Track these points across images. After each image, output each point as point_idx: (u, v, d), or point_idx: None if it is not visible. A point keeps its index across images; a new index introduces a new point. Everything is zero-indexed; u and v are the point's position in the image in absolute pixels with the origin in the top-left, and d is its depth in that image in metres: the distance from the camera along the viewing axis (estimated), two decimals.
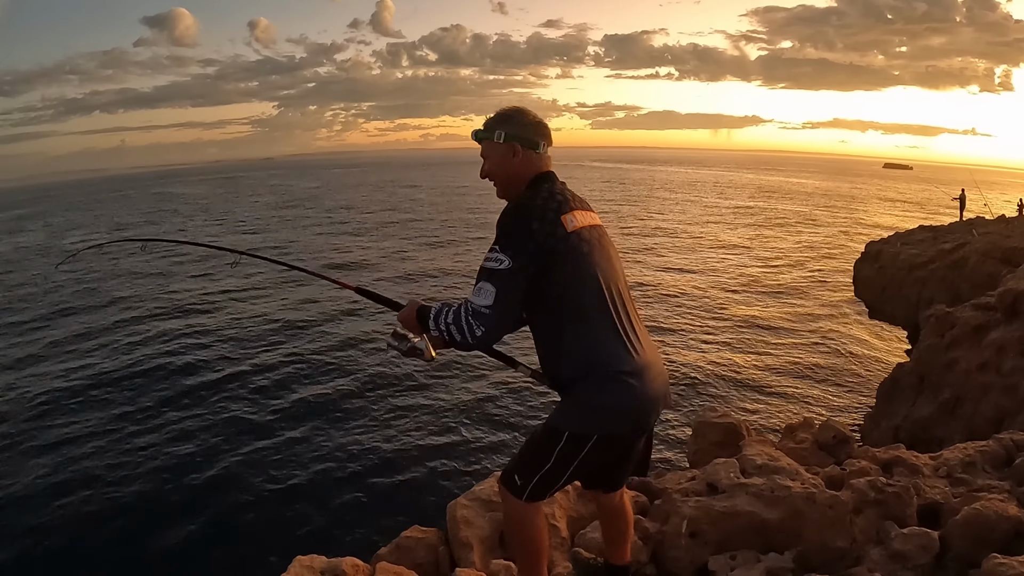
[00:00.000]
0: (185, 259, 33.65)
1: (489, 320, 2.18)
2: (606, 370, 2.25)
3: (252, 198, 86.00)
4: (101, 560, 9.05)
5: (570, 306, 2.25)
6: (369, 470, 11.16)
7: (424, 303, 2.46)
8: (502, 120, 2.45)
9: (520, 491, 2.43)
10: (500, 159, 2.44)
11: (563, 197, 2.33)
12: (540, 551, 2.56)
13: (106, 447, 12.22)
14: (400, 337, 2.49)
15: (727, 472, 3.69)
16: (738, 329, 20.14)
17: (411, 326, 2.46)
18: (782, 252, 35.34)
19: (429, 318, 2.35)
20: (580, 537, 3.53)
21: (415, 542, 3.60)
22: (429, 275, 27.43)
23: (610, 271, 2.34)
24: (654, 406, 2.37)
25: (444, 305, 2.34)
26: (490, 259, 2.21)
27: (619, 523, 2.84)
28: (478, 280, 2.22)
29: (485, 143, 2.47)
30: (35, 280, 30.71)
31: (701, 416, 4.94)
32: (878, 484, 3.50)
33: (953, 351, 8.71)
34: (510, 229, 2.22)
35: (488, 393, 14.50)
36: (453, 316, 2.26)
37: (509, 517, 2.61)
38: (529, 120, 2.44)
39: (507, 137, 2.41)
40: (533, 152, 2.41)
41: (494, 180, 2.48)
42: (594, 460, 2.39)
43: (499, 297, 2.17)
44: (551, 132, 2.49)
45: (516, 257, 2.16)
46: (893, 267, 16.42)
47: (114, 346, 18.77)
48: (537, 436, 2.45)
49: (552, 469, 2.36)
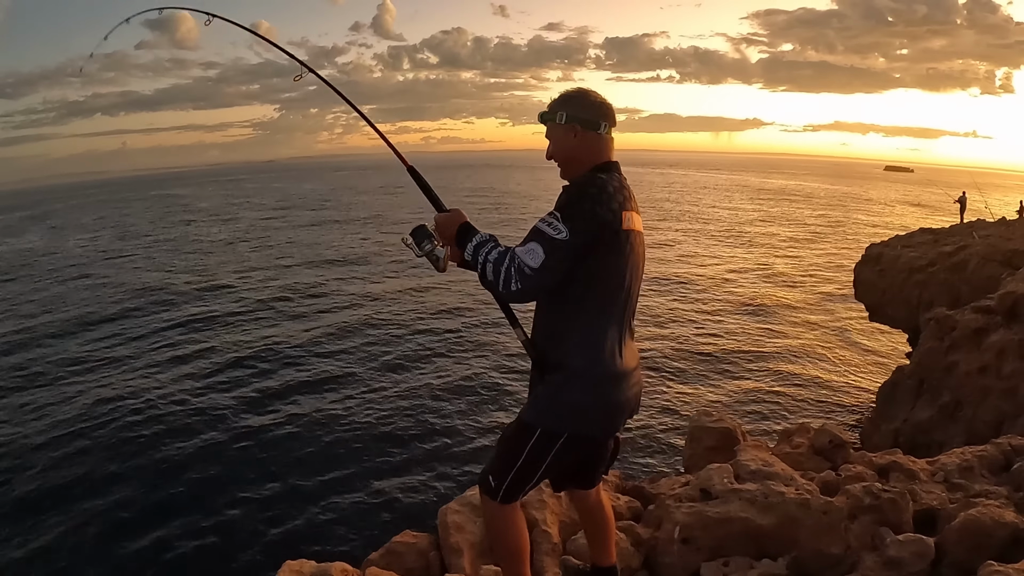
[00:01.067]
0: (178, 258, 33.80)
1: (528, 281, 2.15)
2: (595, 371, 2.26)
3: (254, 199, 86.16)
4: (84, 563, 9.01)
5: (593, 299, 2.26)
6: (360, 474, 11.12)
7: (470, 222, 2.42)
8: (564, 101, 2.41)
9: (495, 492, 2.42)
10: (560, 140, 2.41)
11: (627, 193, 2.32)
12: (521, 552, 2.55)
13: (91, 449, 12.21)
14: (423, 236, 2.44)
15: (721, 477, 3.67)
16: (736, 332, 20.11)
17: (444, 233, 2.43)
18: (782, 255, 35.33)
19: (470, 241, 2.32)
20: (572, 543, 3.51)
21: (406, 547, 3.61)
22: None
23: (634, 278, 2.34)
24: (627, 411, 2.40)
25: (492, 238, 2.32)
26: (549, 224, 2.17)
27: (599, 521, 2.83)
28: (529, 239, 2.19)
29: (548, 125, 2.45)
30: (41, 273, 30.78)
31: (696, 421, 4.92)
32: (874, 490, 3.48)
33: (953, 354, 8.69)
34: (577, 204, 2.20)
35: (481, 398, 14.48)
36: (498, 256, 2.22)
37: (488, 520, 2.62)
38: (590, 101, 2.40)
39: (567, 118, 2.38)
40: (593, 133, 2.37)
41: (556, 161, 2.45)
42: (565, 458, 2.39)
43: (546, 264, 2.13)
44: (614, 114, 2.43)
45: (574, 233, 2.13)
46: (893, 270, 16.37)
47: (94, 347, 18.82)
48: (509, 433, 2.44)
49: (524, 467, 2.35)
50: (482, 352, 17.58)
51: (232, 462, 11.56)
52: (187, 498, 10.47)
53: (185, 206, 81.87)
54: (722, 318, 21.83)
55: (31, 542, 9.46)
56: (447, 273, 2.56)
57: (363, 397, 14.54)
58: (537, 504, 3.61)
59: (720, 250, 36.59)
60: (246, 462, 11.55)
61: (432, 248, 2.43)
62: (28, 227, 66.53)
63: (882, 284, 16.77)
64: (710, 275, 29.03)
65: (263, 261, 34.37)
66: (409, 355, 17.61)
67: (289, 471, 11.23)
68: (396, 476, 11.09)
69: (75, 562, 9.04)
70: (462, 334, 19.23)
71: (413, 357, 17.39)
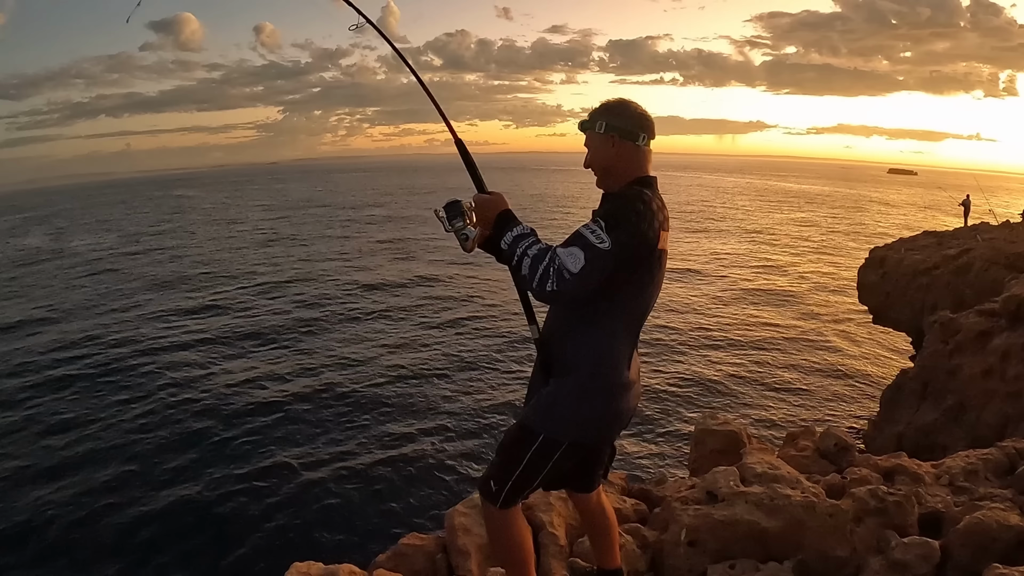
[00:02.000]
0: (185, 257, 33.86)
1: (565, 285, 2.11)
2: (605, 382, 2.28)
3: (257, 201, 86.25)
4: (94, 563, 9.05)
5: (615, 311, 2.27)
6: (368, 477, 11.15)
7: (511, 209, 2.41)
8: (604, 111, 2.41)
9: (495, 497, 2.42)
10: (598, 149, 2.41)
11: (665, 214, 2.31)
12: (524, 556, 2.55)
13: (99, 451, 12.29)
14: (456, 213, 2.40)
15: (727, 480, 3.67)
16: (740, 335, 20.11)
17: (482, 214, 2.41)
18: (785, 258, 35.30)
19: (510, 230, 2.29)
20: (579, 545, 3.52)
21: (413, 549, 3.60)
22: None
23: (655, 295, 2.37)
24: (626, 421, 2.43)
25: (533, 232, 2.29)
26: (594, 232, 2.14)
27: (600, 524, 2.84)
28: (572, 242, 2.15)
29: (588, 133, 2.43)
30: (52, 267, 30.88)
31: (702, 424, 4.92)
32: (879, 493, 3.48)
33: (957, 357, 8.66)
34: (625, 216, 2.17)
35: (489, 401, 14.50)
36: (538, 252, 2.18)
37: (488, 524, 2.61)
38: (630, 112, 2.39)
39: (607, 128, 2.37)
40: (631, 144, 2.36)
41: (593, 170, 2.44)
42: (563, 464, 2.40)
43: (585, 271, 2.10)
44: (654, 126, 2.42)
45: (617, 245, 2.11)
46: (897, 273, 16.35)
47: (95, 346, 18.92)
48: (510, 437, 2.44)
49: (524, 472, 2.36)
50: (493, 355, 17.62)
51: (240, 463, 11.60)
52: (194, 499, 10.52)
53: (192, 207, 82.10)
54: (726, 321, 21.82)
55: (41, 539, 9.52)
56: (463, 265, 2.55)
57: (371, 399, 14.61)
58: (543, 506, 3.61)
59: (722, 253, 36.54)
60: (254, 464, 11.60)
61: (463, 226, 2.39)
62: (32, 228, 66.77)
63: (886, 287, 16.76)
64: (712, 279, 29.01)
65: (273, 258, 34.52)
66: (418, 358, 17.68)
67: (295, 474, 11.25)
68: (403, 478, 11.12)
69: (83, 560, 9.08)
70: (472, 337, 19.22)
71: (422, 360, 17.48)
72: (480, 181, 2.64)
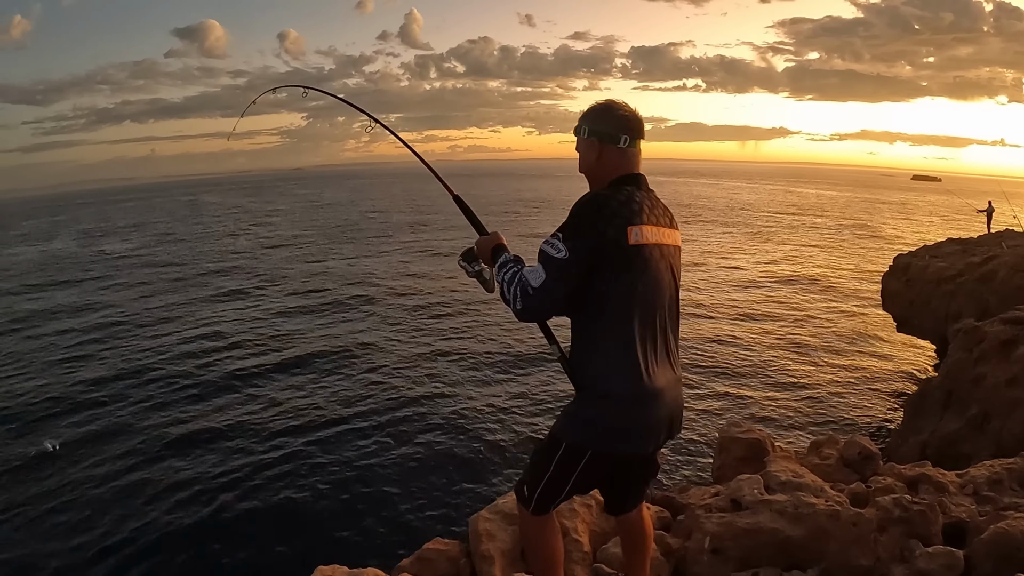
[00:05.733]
0: (199, 262, 34.12)
1: (531, 301, 2.20)
2: (616, 391, 2.24)
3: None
4: (117, 563, 9.14)
5: (608, 318, 2.24)
6: (392, 481, 11.14)
7: (503, 244, 2.51)
8: (586, 116, 2.43)
9: (527, 502, 2.46)
10: (583, 155, 2.43)
11: (638, 207, 2.26)
12: (554, 562, 2.58)
13: (127, 450, 12.42)
14: (471, 258, 2.60)
15: (751, 488, 3.68)
16: (764, 342, 19.97)
17: (483, 255, 2.55)
18: (809, 265, 35.03)
19: (497, 261, 2.43)
20: (602, 552, 3.53)
21: (437, 554, 3.62)
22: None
23: (656, 293, 2.29)
24: (657, 432, 2.35)
25: (515, 260, 2.39)
26: (550, 244, 2.20)
27: (635, 538, 2.83)
28: (538, 258, 2.24)
29: (577, 139, 2.46)
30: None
31: (725, 431, 4.92)
32: (903, 502, 3.47)
33: (981, 366, 8.59)
34: (578, 221, 2.20)
35: (515, 405, 14.47)
36: (510, 277, 2.30)
37: (522, 528, 2.67)
38: (611, 114, 2.39)
39: (588, 132, 2.40)
40: (613, 147, 2.36)
41: (583, 174, 2.47)
42: (593, 475, 2.42)
43: (546, 284, 2.17)
44: (641, 126, 2.40)
45: (574, 251, 2.15)
46: (921, 280, 16.21)
47: (124, 349, 19.09)
48: (541, 444, 2.47)
49: (552, 479, 2.38)
50: (521, 363, 17.52)
51: (261, 467, 11.63)
52: (218, 504, 10.55)
53: (217, 213, 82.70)
54: (748, 328, 21.68)
55: (62, 540, 9.63)
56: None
57: (396, 403, 14.58)
58: (568, 513, 3.63)
59: (744, 259, 36.30)
60: (275, 468, 11.63)
61: (480, 269, 2.57)
62: (60, 231, 67.62)
63: (910, 295, 16.62)
64: (734, 285, 28.85)
65: (299, 264, 34.71)
66: (445, 364, 17.65)
67: (320, 477, 11.28)
68: (428, 483, 11.11)
69: (107, 561, 9.17)
70: (505, 345, 19.14)
71: (449, 365, 17.44)
72: (478, 225, 2.75)
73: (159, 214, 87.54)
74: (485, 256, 2.52)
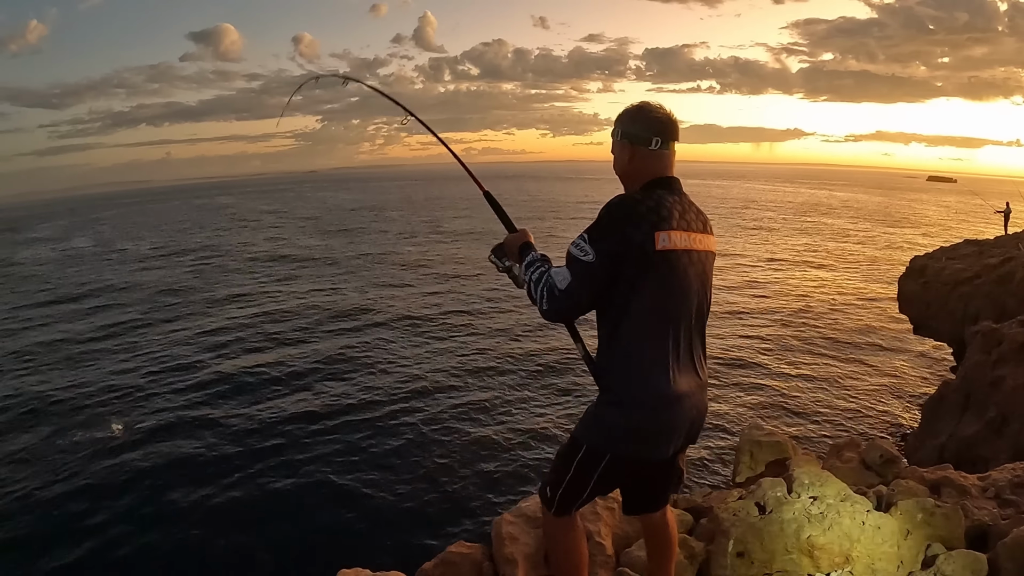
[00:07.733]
0: (231, 261, 34.27)
1: (556, 303, 2.24)
2: (637, 396, 2.24)
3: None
4: (141, 564, 9.24)
5: (633, 322, 2.22)
6: (416, 483, 11.18)
7: (531, 241, 2.57)
8: (620, 118, 2.43)
9: (550, 504, 2.49)
10: (617, 157, 2.44)
11: (668, 211, 2.24)
12: (578, 566, 2.60)
13: (148, 451, 12.52)
14: (501, 254, 2.66)
15: (774, 491, 3.68)
16: (782, 346, 19.89)
17: (511, 253, 2.60)
18: (826, 267, 34.87)
19: (524, 259, 2.48)
20: (626, 555, 3.53)
21: (460, 557, 3.61)
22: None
23: (682, 299, 2.27)
24: (678, 436, 2.36)
25: (542, 259, 2.44)
26: (578, 246, 2.22)
27: (659, 541, 2.83)
28: (566, 259, 2.27)
29: (612, 141, 2.47)
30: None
31: (747, 434, 4.91)
32: (926, 505, 3.47)
33: (1000, 368, 8.55)
34: (605, 224, 2.21)
35: (539, 407, 14.47)
36: (537, 277, 2.34)
37: (546, 530, 2.70)
38: (643, 116, 2.38)
39: (621, 135, 2.40)
40: (645, 148, 2.34)
41: (618, 176, 2.48)
42: (613, 478, 2.44)
43: (572, 286, 2.20)
44: (674, 128, 2.39)
45: (601, 254, 2.17)
46: (938, 282, 16.10)
47: (144, 350, 19.23)
48: (564, 446, 2.49)
49: (573, 481, 2.40)
50: (545, 363, 17.52)
51: (285, 469, 11.72)
52: (241, 506, 10.63)
53: (232, 215, 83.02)
54: (766, 330, 21.62)
55: (91, 540, 9.73)
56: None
57: (420, 406, 14.63)
58: (591, 516, 3.63)
59: (760, 260, 36.21)
60: (299, 469, 11.70)
61: (510, 265, 2.61)
62: (75, 233, 68.12)
63: (926, 297, 16.52)
64: (751, 287, 28.78)
65: (320, 269, 34.82)
66: (469, 364, 17.72)
67: (343, 479, 11.34)
68: (451, 485, 11.15)
69: (130, 561, 9.26)
70: (529, 349, 19.10)
71: (475, 368, 17.46)
72: (507, 220, 2.83)
73: (175, 216, 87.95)
74: (513, 253, 2.57)
